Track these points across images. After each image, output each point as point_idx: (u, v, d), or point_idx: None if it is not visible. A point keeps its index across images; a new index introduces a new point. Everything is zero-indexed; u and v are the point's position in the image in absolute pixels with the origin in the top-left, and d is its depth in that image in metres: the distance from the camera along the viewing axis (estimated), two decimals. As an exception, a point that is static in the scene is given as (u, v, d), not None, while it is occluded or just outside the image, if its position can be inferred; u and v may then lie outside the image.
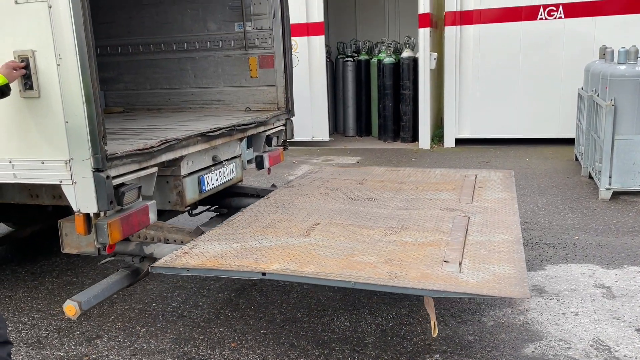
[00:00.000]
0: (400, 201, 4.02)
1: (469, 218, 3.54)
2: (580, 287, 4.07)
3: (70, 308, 2.93)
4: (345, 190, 4.38)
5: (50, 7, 2.73)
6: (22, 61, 2.83)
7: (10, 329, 3.77)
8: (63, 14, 2.70)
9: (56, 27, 2.73)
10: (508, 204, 3.89)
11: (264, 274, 2.75)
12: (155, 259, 3.28)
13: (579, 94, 8.13)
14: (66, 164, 2.88)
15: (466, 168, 8.23)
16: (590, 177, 7.05)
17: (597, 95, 6.63)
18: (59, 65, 2.77)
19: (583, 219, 5.62)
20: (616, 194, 6.27)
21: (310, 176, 4.96)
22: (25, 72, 2.82)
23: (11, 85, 2.82)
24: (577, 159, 8.08)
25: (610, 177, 6.16)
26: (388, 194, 4.22)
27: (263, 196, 4.41)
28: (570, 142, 8.80)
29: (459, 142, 10.10)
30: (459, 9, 9.60)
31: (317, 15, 10.38)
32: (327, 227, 3.44)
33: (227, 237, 3.31)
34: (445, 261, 2.80)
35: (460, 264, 2.76)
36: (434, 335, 2.68)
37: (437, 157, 9.23)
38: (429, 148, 10.02)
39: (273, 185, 4.98)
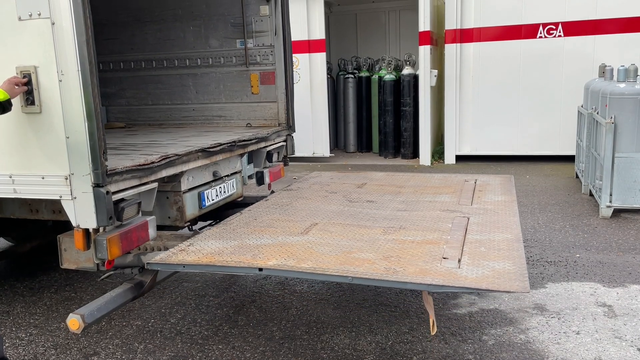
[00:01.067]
0: (400, 203, 4.02)
1: (468, 219, 3.52)
2: (581, 305, 4.04)
3: (74, 322, 2.89)
4: (345, 193, 4.39)
5: (53, 23, 2.75)
6: (24, 77, 2.84)
7: (7, 345, 3.74)
8: (66, 30, 2.72)
9: (59, 44, 2.75)
10: (508, 205, 3.89)
11: (261, 269, 2.74)
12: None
13: (578, 111, 8.16)
14: (66, 179, 2.88)
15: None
16: (591, 194, 7.04)
17: (597, 113, 6.65)
18: (60, 81, 2.79)
19: (584, 236, 5.60)
20: (617, 212, 6.25)
21: (309, 180, 4.98)
22: (27, 88, 2.84)
23: (13, 100, 2.83)
24: (577, 177, 8.08)
25: (610, 195, 6.16)
26: (387, 197, 4.23)
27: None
28: (570, 159, 8.81)
29: (459, 158, 10.11)
30: (459, 27, 9.69)
31: (319, 32, 10.48)
32: (326, 226, 3.44)
33: (225, 236, 3.31)
34: (444, 258, 2.79)
35: (459, 260, 2.75)
36: (432, 333, 2.67)
37: (437, 174, 9.22)
38: (429, 164, 10.03)
39: (272, 192, 4.99)
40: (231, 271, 2.84)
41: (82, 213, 2.91)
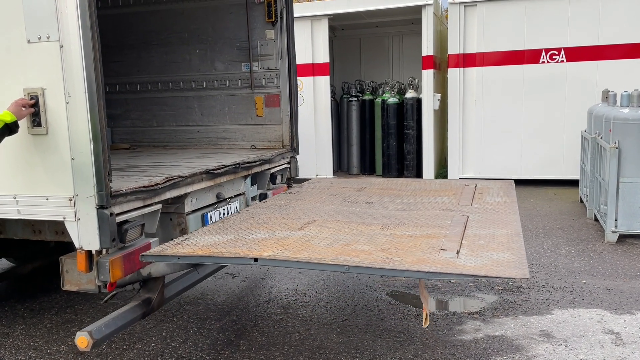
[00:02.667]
0: (399, 204, 4.01)
1: (468, 217, 3.51)
2: (588, 332, 3.97)
3: (82, 340, 2.84)
4: (344, 196, 4.39)
5: (62, 46, 2.78)
6: (31, 98, 2.87)
7: (5, 367, 3.69)
8: (74, 53, 2.76)
9: (67, 66, 2.78)
10: (508, 206, 3.87)
11: (256, 259, 2.71)
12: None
13: (582, 136, 8.16)
14: (70, 200, 2.88)
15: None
16: (596, 219, 7.00)
17: (601, 138, 6.65)
18: (67, 103, 2.81)
19: (590, 262, 5.55)
20: (622, 237, 6.20)
21: (309, 185, 5.00)
22: (34, 110, 2.86)
23: (19, 122, 2.85)
24: (581, 201, 8.04)
25: (616, 220, 6.11)
26: (386, 199, 4.23)
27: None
28: (574, 183, 8.78)
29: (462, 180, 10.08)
30: (462, 52, 9.77)
31: (323, 56, 10.58)
32: (324, 223, 3.42)
33: (221, 231, 3.29)
34: (442, 249, 2.77)
35: (457, 252, 2.73)
36: (425, 325, 2.68)
37: (441, 197, 9.20)
38: (432, 188, 10.00)
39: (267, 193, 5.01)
40: (226, 262, 2.81)
41: (85, 235, 2.90)
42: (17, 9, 2.85)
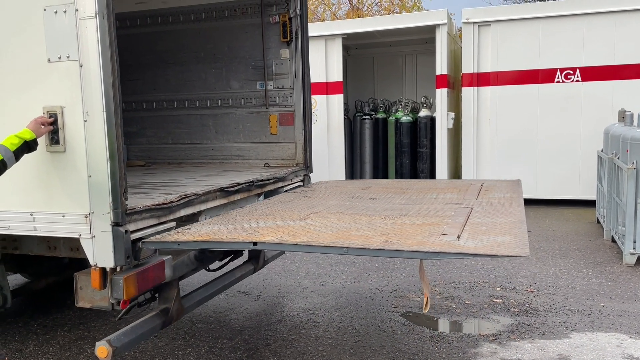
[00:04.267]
0: (403, 200, 4.02)
1: (472, 208, 3.49)
2: (607, 357, 3.88)
3: (102, 350, 2.83)
4: (348, 193, 4.42)
5: (81, 66, 2.82)
6: (50, 117, 2.90)
7: (17, 384, 3.68)
8: (93, 72, 2.79)
9: (85, 85, 2.82)
10: (514, 200, 3.85)
11: (255, 243, 2.72)
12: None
13: (598, 156, 8.08)
14: (86, 217, 2.89)
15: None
16: (614, 240, 6.88)
17: (618, 158, 6.57)
18: (85, 121, 2.84)
19: (608, 284, 5.44)
20: (641, 259, 6.09)
21: (315, 185, 5.05)
22: (52, 127, 2.89)
23: (38, 139, 2.88)
24: (598, 222, 7.92)
25: (634, 242, 6.00)
26: (391, 195, 4.24)
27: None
28: (590, 204, 8.67)
29: (477, 201, 10.00)
30: (476, 71, 9.77)
31: (337, 74, 10.65)
32: (326, 215, 3.43)
33: (222, 222, 3.32)
34: (443, 234, 2.77)
35: (458, 236, 2.71)
36: (425, 311, 2.70)
37: (454, 216, 9.13)
38: (446, 206, 9.93)
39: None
40: (226, 247, 2.84)
41: (100, 252, 2.90)
42: (38, 29, 2.91)
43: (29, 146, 2.84)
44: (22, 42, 2.98)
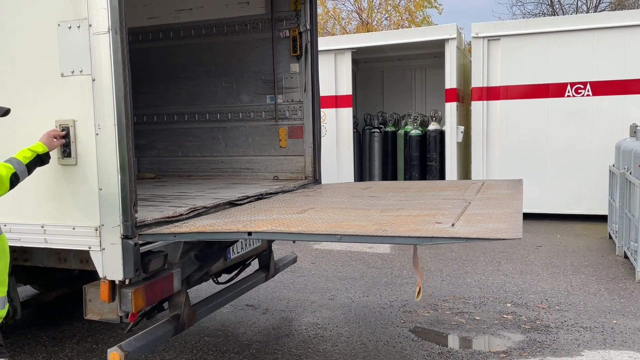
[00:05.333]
0: (402, 197, 4.03)
1: (470, 202, 3.49)
2: (621, 376, 3.81)
3: (114, 355, 2.85)
4: (349, 192, 4.45)
5: (94, 80, 2.86)
6: (62, 130, 2.94)
7: (25, 396, 3.68)
8: (105, 87, 2.83)
9: (98, 99, 2.85)
10: (514, 195, 3.84)
11: (250, 233, 2.76)
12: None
13: (610, 171, 8.01)
14: (96, 230, 2.91)
15: (495, 242, 8.06)
16: (626, 256, 6.79)
17: (630, 173, 6.51)
18: (97, 134, 2.87)
19: (620, 301, 5.36)
20: (655, 276, 6.00)
21: (315, 187, 5.07)
22: (64, 141, 2.92)
23: (50, 152, 2.91)
24: (610, 237, 7.83)
25: (647, 258, 5.92)
26: (391, 194, 4.26)
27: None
28: (602, 219, 8.58)
29: (486, 215, 9.94)
30: (485, 85, 9.77)
31: (346, 88, 10.70)
32: (323, 209, 3.44)
33: (220, 217, 3.33)
34: (437, 223, 2.77)
35: (453, 224, 2.72)
36: (417, 299, 2.74)
37: (464, 230, 9.07)
38: (456, 221, 9.88)
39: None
40: (221, 237, 2.88)
41: (109, 264, 2.91)
42: (52, 43, 2.95)
43: (41, 159, 2.87)
44: (36, 56, 3.03)
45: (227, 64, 5.68)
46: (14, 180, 2.76)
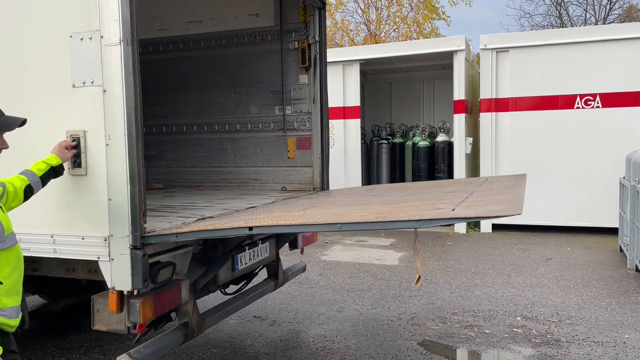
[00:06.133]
0: (405, 194, 4.08)
1: (472, 193, 3.51)
2: (634, 392, 3.74)
3: None
4: (352, 194, 4.49)
5: (104, 91, 2.88)
6: (73, 140, 2.95)
7: (32, 407, 3.67)
8: (116, 97, 2.84)
9: (108, 110, 2.87)
10: (516, 186, 3.83)
11: (250, 228, 2.77)
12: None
13: (620, 183, 7.94)
14: (105, 240, 2.91)
15: (505, 254, 7.99)
16: (637, 269, 6.71)
17: (641, 185, 6.45)
18: (107, 145, 2.88)
19: (632, 315, 5.28)
20: (667, 290, 5.92)
21: (318, 192, 5.13)
22: (76, 151, 2.94)
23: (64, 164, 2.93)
24: (621, 250, 7.74)
25: (659, 271, 5.84)
26: (394, 192, 4.31)
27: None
28: (612, 231, 8.49)
29: (496, 227, 9.88)
30: (494, 97, 9.76)
31: (354, 99, 10.72)
32: (325, 206, 3.49)
33: (222, 218, 3.37)
34: (438, 208, 2.79)
35: (453, 209, 2.73)
36: (416, 285, 2.75)
37: (474, 242, 9.01)
38: (464, 232, 9.82)
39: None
40: (222, 234, 2.88)
41: (118, 275, 2.91)
42: (64, 55, 2.98)
43: (55, 171, 2.88)
44: (48, 67, 3.06)
45: (236, 75, 5.71)
46: (28, 192, 2.77)
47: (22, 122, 2.47)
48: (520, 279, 6.69)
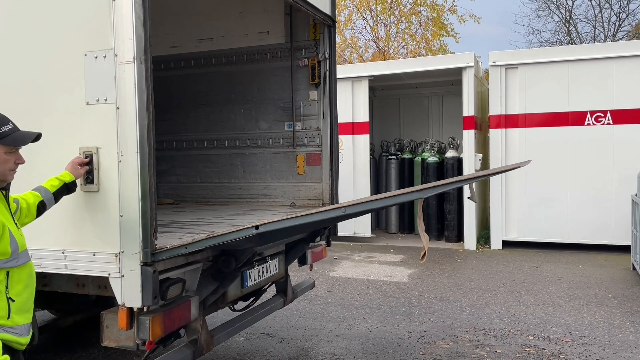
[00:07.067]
0: (413, 188, 4.13)
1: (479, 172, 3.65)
2: (651, 415, 3.66)
3: None
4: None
5: (118, 108, 2.90)
6: (86, 157, 2.98)
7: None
8: (129, 115, 2.87)
9: (121, 127, 2.89)
10: (521, 162, 3.92)
11: (257, 227, 2.83)
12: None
13: (633, 200, 7.86)
14: (116, 256, 2.92)
15: (515, 272, 7.90)
16: (651, 288, 6.61)
17: (654, 203, 6.38)
18: (120, 162, 2.90)
19: (647, 335, 5.19)
20: (682, 309, 5.81)
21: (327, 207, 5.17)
22: (88, 167, 2.96)
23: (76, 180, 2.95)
24: (634, 268, 7.64)
25: (674, 290, 5.75)
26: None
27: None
28: (625, 249, 8.39)
29: (506, 244, 9.79)
30: (503, 113, 9.74)
31: (363, 115, 10.75)
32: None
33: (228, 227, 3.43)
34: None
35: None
36: (422, 262, 2.86)
37: (484, 259, 8.93)
38: (474, 249, 9.74)
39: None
40: (229, 238, 2.92)
41: (128, 291, 2.91)
42: (78, 73, 3.01)
43: (68, 188, 2.91)
44: (62, 85, 3.09)
45: (247, 91, 5.76)
46: (41, 208, 2.79)
47: (37, 136, 2.49)
48: (532, 297, 6.60)
